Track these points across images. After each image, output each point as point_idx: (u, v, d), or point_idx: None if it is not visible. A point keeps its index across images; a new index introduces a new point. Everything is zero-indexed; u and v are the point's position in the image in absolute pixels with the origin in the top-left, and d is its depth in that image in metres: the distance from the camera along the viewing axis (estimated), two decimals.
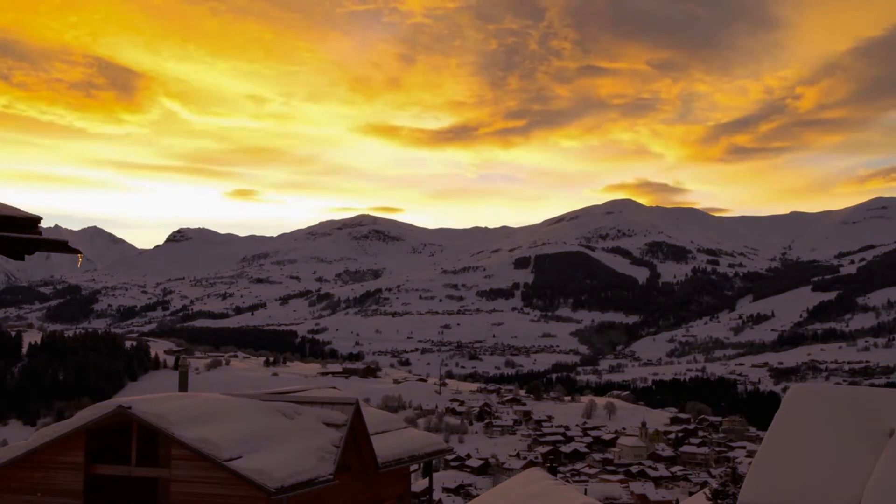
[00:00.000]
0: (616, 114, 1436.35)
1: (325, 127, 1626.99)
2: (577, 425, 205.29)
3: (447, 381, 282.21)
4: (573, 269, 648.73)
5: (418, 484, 41.29)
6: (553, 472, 30.64)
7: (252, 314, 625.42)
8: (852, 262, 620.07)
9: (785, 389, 62.32)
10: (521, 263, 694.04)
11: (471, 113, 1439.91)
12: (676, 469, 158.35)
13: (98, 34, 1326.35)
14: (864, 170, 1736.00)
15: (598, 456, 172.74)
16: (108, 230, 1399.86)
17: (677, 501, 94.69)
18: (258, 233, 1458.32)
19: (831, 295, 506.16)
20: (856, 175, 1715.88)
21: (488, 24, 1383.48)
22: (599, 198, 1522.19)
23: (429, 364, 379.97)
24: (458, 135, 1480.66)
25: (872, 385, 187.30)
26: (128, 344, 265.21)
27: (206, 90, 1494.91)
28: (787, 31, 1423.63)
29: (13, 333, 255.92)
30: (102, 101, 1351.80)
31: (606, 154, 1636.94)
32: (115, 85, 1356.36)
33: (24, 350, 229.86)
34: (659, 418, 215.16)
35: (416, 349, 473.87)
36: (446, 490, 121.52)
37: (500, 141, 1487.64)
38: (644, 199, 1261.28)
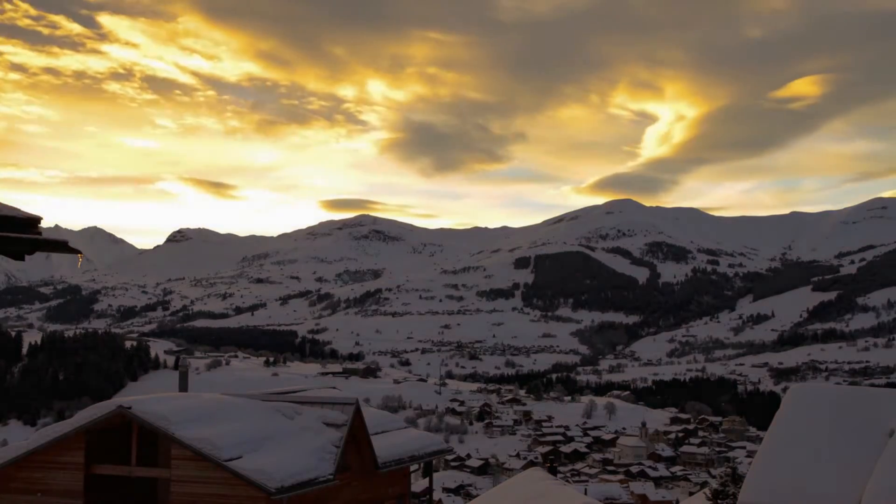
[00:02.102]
0: None
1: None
2: (577, 425, 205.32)
3: (447, 381, 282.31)
4: (573, 269, 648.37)
5: (418, 484, 41.24)
6: (553, 472, 30.64)
7: (252, 314, 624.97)
8: (852, 262, 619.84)
9: (785, 389, 62.24)
10: (521, 263, 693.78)
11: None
12: (676, 469, 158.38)
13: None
14: None
15: (598, 456, 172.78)
16: (108, 230, 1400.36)
17: (677, 501, 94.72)
18: (258, 233, 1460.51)
19: (831, 295, 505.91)
20: None
21: None
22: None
23: (429, 364, 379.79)
24: None
25: (872, 385, 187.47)
26: (128, 344, 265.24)
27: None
28: None
29: (13, 333, 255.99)
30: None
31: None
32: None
33: (24, 350, 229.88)
34: (659, 418, 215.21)
35: (416, 349, 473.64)
36: (446, 490, 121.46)
37: None
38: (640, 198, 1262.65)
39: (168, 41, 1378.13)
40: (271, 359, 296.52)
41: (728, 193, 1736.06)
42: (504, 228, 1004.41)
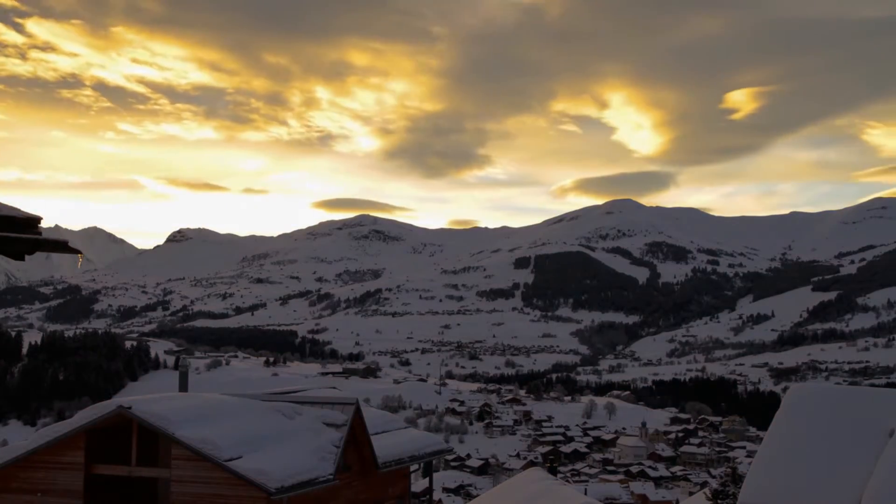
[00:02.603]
0: None
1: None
2: (577, 425, 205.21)
3: (447, 381, 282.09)
4: (573, 269, 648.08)
5: (418, 484, 41.26)
6: (553, 472, 30.62)
7: (252, 314, 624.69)
8: (852, 262, 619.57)
9: (785, 389, 62.21)
10: (521, 263, 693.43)
11: None
12: (676, 469, 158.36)
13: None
14: None
15: (598, 456, 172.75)
16: (108, 230, 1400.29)
17: (677, 501, 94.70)
18: (258, 233, 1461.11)
19: (831, 295, 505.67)
20: None
21: None
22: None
23: (429, 364, 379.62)
24: None
25: (872, 385, 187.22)
26: (128, 344, 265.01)
27: None
28: None
29: (13, 333, 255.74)
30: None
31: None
32: None
33: (24, 350, 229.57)
34: (659, 418, 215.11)
35: (416, 349, 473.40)
36: (446, 490, 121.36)
37: None
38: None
39: (111, 50, 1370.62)
40: (271, 359, 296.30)
41: (709, 197, 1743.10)
42: (504, 228, 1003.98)
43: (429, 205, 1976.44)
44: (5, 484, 18.99)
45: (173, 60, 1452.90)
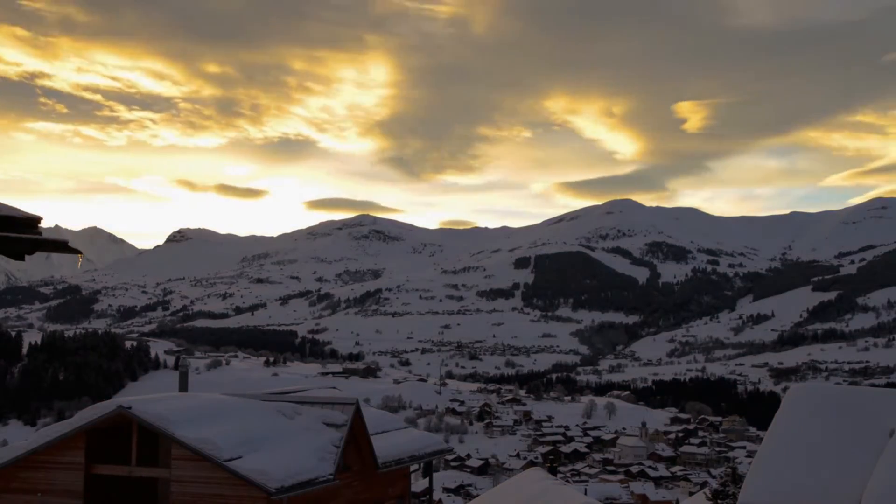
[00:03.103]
0: None
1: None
2: (577, 425, 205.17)
3: (447, 381, 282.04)
4: (573, 269, 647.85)
5: (418, 484, 41.23)
6: (553, 472, 30.62)
7: (252, 314, 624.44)
8: (852, 262, 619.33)
9: (785, 389, 62.20)
10: (521, 263, 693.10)
11: None
12: (676, 469, 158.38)
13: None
14: None
15: (598, 456, 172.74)
16: (108, 230, 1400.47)
17: (677, 501, 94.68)
18: (258, 233, 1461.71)
19: (831, 295, 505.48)
20: None
21: None
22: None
23: (429, 364, 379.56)
24: None
25: (872, 385, 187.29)
26: (128, 344, 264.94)
27: None
28: None
29: (13, 333, 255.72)
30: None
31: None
32: None
33: (24, 350, 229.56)
34: (659, 418, 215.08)
35: (416, 349, 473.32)
36: (446, 490, 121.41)
37: None
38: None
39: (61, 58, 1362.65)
40: (271, 359, 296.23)
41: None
42: (504, 228, 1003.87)
43: (418, 207, 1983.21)
44: (5, 484, 18.99)
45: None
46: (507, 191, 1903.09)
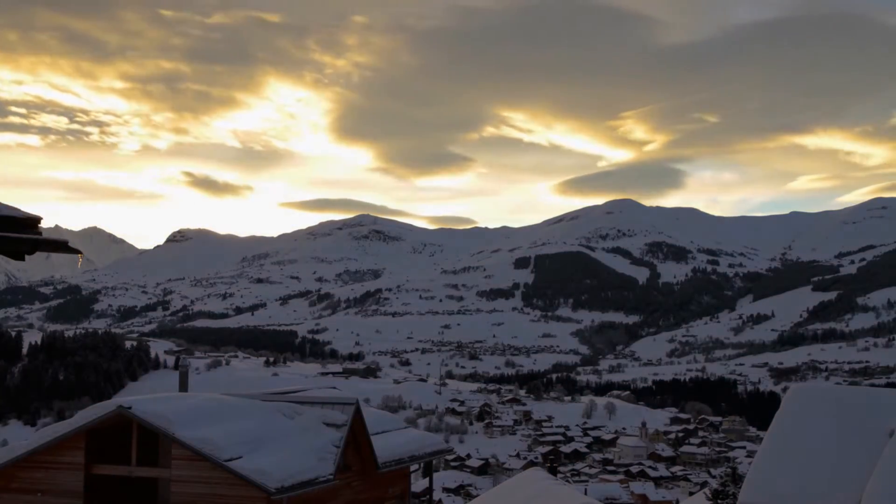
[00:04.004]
0: None
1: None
2: (577, 425, 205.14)
3: (447, 381, 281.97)
4: (573, 269, 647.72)
5: (418, 484, 41.25)
6: (553, 472, 30.64)
7: (252, 314, 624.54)
8: (852, 262, 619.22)
9: (785, 389, 62.19)
10: (521, 263, 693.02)
11: None
12: (676, 469, 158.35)
13: None
14: None
15: (598, 456, 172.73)
16: (108, 230, 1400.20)
17: (677, 501, 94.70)
18: (258, 233, 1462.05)
19: (831, 295, 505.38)
20: None
21: None
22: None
23: (429, 364, 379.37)
24: None
25: (872, 385, 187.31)
26: (128, 344, 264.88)
27: None
28: None
29: (13, 333, 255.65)
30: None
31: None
32: None
33: (24, 350, 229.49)
34: (659, 418, 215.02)
35: (416, 349, 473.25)
36: (446, 490, 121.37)
37: None
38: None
39: None
40: (271, 359, 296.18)
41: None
42: (504, 228, 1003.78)
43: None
44: (5, 484, 18.99)
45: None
46: (508, 190, 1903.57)
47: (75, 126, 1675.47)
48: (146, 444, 18.86)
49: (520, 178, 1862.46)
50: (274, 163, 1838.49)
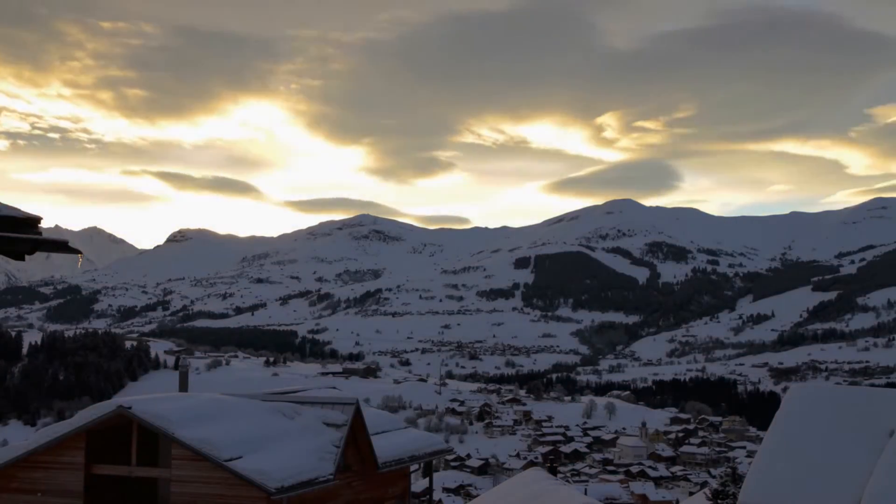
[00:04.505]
0: None
1: None
2: (577, 425, 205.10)
3: (447, 381, 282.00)
4: (573, 269, 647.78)
5: (418, 484, 41.24)
6: (553, 472, 30.62)
7: (252, 314, 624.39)
8: (852, 262, 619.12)
9: (785, 389, 62.30)
10: (521, 263, 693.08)
11: None
12: (676, 469, 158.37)
13: None
14: None
15: (598, 456, 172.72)
16: (108, 230, 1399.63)
17: (677, 501, 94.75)
18: (258, 233, 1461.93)
19: (831, 295, 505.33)
20: None
21: None
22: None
23: (429, 364, 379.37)
24: None
25: (872, 385, 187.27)
26: (128, 344, 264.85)
27: None
28: None
29: (13, 333, 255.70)
30: None
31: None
32: None
33: (24, 350, 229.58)
34: (659, 418, 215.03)
35: (416, 349, 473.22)
36: (446, 490, 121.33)
37: None
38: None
39: None
40: (271, 359, 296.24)
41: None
42: (504, 228, 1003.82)
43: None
44: (5, 484, 18.99)
45: None
46: (508, 190, 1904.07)
47: (78, 125, 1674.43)
48: (146, 444, 18.86)
49: (502, 180, 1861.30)
50: (274, 163, 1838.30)
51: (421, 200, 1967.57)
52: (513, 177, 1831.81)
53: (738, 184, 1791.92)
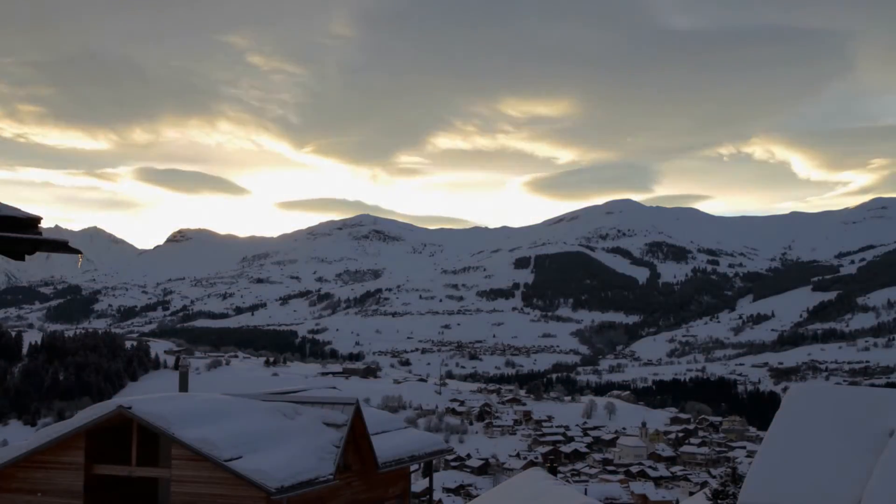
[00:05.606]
0: None
1: None
2: (577, 425, 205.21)
3: (447, 381, 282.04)
4: (573, 269, 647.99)
5: (418, 484, 41.29)
6: (553, 472, 30.66)
7: (252, 314, 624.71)
8: (852, 262, 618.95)
9: (785, 389, 62.21)
10: (521, 263, 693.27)
11: None
12: (676, 469, 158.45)
13: None
14: None
15: (598, 456, 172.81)
16: (109, 230, 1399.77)
17: (677, 501, 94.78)
18: (258, 233, 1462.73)
19: (831, 295, 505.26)
20: None
21: None
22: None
23: (429, 364, 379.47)
24: None
25: (872, 385, 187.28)
26: (128, 344, 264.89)
27: None
28: None
29: (13, 333, 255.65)
30: None
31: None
32: None
33: (24, 350, 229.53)
34: (659, 418, 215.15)
35: (416, 349, 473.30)
36: (446, 490, 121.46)
37: None
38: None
39: None
40: (271, 359, 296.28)
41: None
42: (504, 228, 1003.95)
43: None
44: (5, 484, 18.99)
45: None
46: (508, 190, 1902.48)
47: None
48: (146, 444, 18.87)
49: (502, 179, 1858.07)
50: (274, 163, 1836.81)
51: (421, 200, 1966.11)
52: (513, 176, 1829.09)
53: (739, 183, 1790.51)
